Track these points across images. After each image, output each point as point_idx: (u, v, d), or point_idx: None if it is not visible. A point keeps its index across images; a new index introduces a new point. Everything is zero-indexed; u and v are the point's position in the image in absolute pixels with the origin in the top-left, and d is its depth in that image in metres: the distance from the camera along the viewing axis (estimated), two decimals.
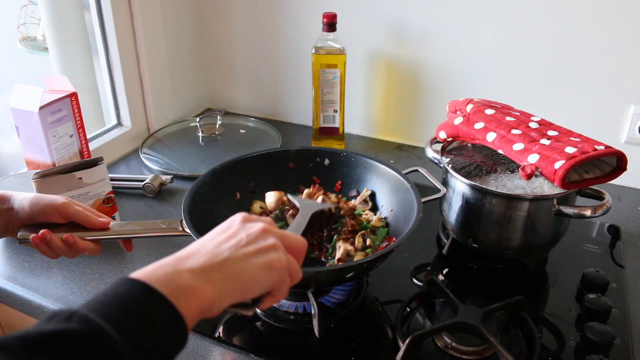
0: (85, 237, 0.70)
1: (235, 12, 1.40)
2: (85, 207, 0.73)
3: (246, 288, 0.49)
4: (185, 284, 0.44)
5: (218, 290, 0.46)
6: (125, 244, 0.74)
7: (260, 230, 0.53)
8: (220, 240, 0.52)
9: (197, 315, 0.45)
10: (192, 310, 0.43)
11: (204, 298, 0.45)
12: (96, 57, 1.28)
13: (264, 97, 1.49)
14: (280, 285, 0.53)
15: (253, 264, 0.50)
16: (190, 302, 0.44)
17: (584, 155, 0.78)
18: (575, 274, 0.89)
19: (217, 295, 0.46)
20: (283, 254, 0.53)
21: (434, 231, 1.02)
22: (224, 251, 0.50)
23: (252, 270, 0.49)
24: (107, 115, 1.33)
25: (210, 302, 0.46)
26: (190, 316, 0.43)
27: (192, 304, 0.44)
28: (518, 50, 1.16)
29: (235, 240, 0.51)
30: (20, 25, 1.29)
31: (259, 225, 0.54)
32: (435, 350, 0.74)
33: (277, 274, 0.51)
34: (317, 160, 0.97)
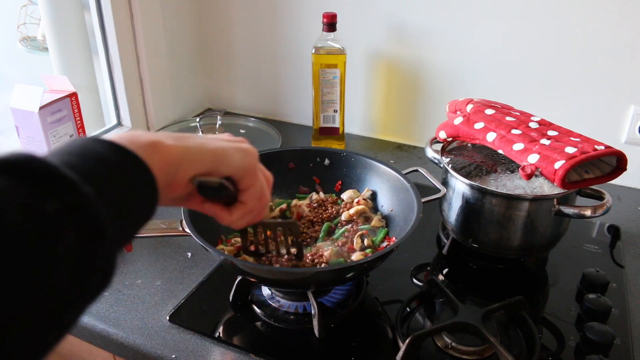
0: None
1: (235, 12, 1.40)
2: None
3: (217, 157, 0.46)
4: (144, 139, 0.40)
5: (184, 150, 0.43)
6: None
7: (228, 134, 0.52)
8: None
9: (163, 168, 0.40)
10: (156, 160, 0.39)
11: (167, 152, 0.41)
12: (96, 57, 1.28)
13: (264, 97, 1.49)
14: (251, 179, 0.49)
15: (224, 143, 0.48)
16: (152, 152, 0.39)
17: (584, 155, 0.78)
18: (575, 274, 0.89)
19: (184, 153, 0.43)
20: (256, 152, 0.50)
21: (434, 231, 1.02)
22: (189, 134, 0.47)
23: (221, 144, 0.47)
24: (107, 115, 1.33)
25: (176, 157, 0.42)
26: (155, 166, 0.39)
27: (154, 154, 0.39)
28: (518, 50, 1.16)
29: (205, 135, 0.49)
30: (20, 25, 1.29)
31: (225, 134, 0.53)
32: (435, 350, 0.74)
33: (250, 159, 0.49)
34: (317, 160, 0.97)
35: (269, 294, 0.84)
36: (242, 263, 0.73)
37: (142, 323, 0.79)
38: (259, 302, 0.83)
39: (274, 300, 0.83)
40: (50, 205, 0.30)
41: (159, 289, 0.86)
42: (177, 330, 0.78)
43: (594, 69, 1.11)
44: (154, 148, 0.40)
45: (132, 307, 0.82)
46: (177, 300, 0.83)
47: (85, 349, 0.86)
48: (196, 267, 0.91)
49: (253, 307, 0.82)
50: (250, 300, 0.83)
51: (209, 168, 0.46)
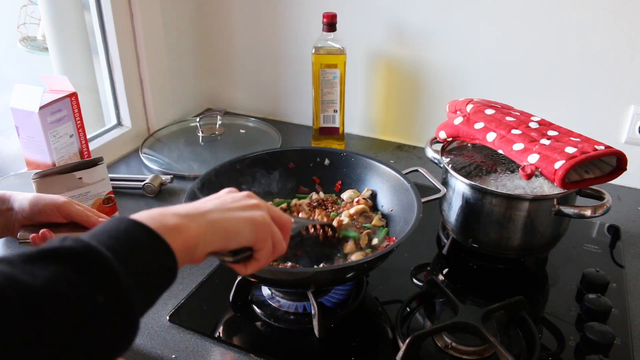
0: None
1: (235, 12, 1.40)
2: (85, 207, 0.73)
3: (229, 235, 0.52)
4: (171, 223, 0.46)
5: (202, 231, 0.49)
6: None
7: (245, 195, 0.57)
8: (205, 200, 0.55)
9: (184, 250, 0.46)
10: (179, 244, 0.45)
11: (188, 235, 0.47)
12: (96, 57, 1.28)
13: (264, 97, 1.49)
14: (262, 244, 0.54)
15: (236, 215, 0.53)
16: (176, 237, 0.45)
17: (584, 155, 0.78)
18: (575, 274, 0.89)
19: (201, 235, 0.48)
20: (266, 213, 0.56)
21: (434, 231, 1.02)
22: (208, 205, 0.53)
23: (235, 220, 0.52)
24: (107, 115, 1.33)
25: (195, 240, 0.48)
26: (177, 249, 0.45)
27: (177, 239, 0.45)
28: (518, 50, 1.16)
29: (220, 200, 0.55)
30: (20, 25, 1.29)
31: (244, 192, 0.58)
32: (435, 350, 0.74)
33: (260, 229, 0.54)
34: (317, 160, 0.97)
35: (269, 294, 0.84)
36: None
37: (142, 323, 0.79)
38: (259, 302, 0.83)
39: (274, 300, 0.83)
40: (100, 297, 0.37)
41: None
42: (177, 330, 0.78)
43: (594, 69, 1.11)
44: (178, 232, 0.46)
45: None
46: (177, 300, 0.83)
47: None
48: (196, 267, 0.91)
49: (253, 307, 0.82)
50: (250, 300, 0.83)
51: (222, 246, 0.52)
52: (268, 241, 0.55)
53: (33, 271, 0.36)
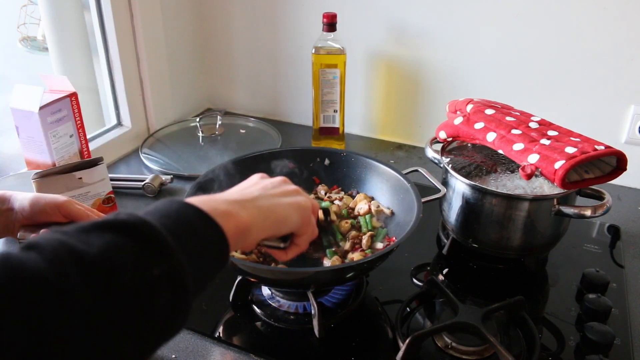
0: None
1: (235, 12, 1.40)
2: (86, 207, 0.73)
3: (279, 221, 0.53)
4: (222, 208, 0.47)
5: (253, 217, 0.49)
6: None
7: (281, 180, 0.59)
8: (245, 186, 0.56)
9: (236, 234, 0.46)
10: (231, 227, 0.46)
11: (240, 219, 0.48)
12: (96, 57, 1.28)
13: (264, 97, 1.49)
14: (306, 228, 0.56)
15: (283, 201, 0.54)
16: (228, 221, 0.46)
17: (584, 155, 0.78)
18: (575, 274, 0.89)
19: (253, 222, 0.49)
20: (307, 197, 0.58)
21: (434, 231, 1.02)
22: (253, 192, 0.54)
23: (283, 206, 0.54)
24: (107, 115, 1.33)
25: (247, 225, 0.48)
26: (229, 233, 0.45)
27: (229, 222, 0.46)
28: (518, 50, 1.16)
29: (260, 185, 0.56)
30: (20, 25, 1.29)
31: (278, 177, 0.59)
32: (435, 350, 0.74)
33: (306, 214, 0.56)
34: (317, 160, 0.97)
35: (269, 294, 0.84)
36: (242, 263, 0.73)
37: None
38: (259, 302, 0.83)
39: (274, 300, 0.83)
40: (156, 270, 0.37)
41: None
42: None
43: (594, 69, 1.11)
44: (230, 217, 0.47)
45: None
46: None
47: None
48: None
49: (253, 307, 0.82)
50: (250, 300, 0.83)
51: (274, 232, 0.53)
52: (310, 226, 0.57)
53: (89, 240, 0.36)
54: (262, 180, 0.58)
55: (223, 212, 0.46)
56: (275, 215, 0.52)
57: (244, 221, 0.48)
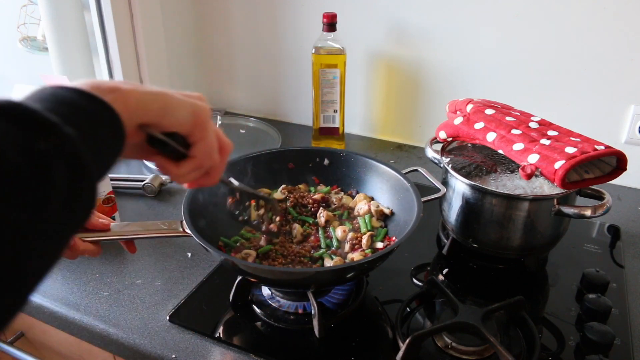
0: (85, 238, 0.70)
1: (235, 12, 1.40)
2: None
3: (167, 107, 0.47)
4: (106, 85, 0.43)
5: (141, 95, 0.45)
6: (128, 246, 0.74)
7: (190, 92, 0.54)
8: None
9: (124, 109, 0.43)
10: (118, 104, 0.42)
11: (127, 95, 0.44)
12: (96, 57, 1.28)
13: (264, 97, 1.49)
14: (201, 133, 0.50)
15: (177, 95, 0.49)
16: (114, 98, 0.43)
17: (584, 155, 0.78)
18: (575, 274, 0.89)
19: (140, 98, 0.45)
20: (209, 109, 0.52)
21: (434, 231, 1.02)
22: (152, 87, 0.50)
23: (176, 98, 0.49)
24: None
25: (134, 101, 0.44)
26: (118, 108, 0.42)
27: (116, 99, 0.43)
28: (518, 50, 1.16)
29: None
30: (20, 25, 1.29)
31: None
32: (435, 350, 0.74)
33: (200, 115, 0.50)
34: (317, 160, 0.97)
35: (269, 294, 0.84)
36: (242, 263, 0.73)
37: (142, 323, 0.79)
38: (259, 302, 0.83)
39: (274, 300, 0.83)
40: (41, 144, 0.34)
41: (159, 289, 0.86)
42: (177, 330, 0.78)
43: (594, 69, 1.11)
44: (115, 93, 0.43)
45: (132, 307, 0.82)
46: (177, 300, 0.83)
47: (86, 349, 0.86)
48: (196, 267, 0.91)
49: (253, 307, 0.82)
50: (250, 300, 0.83)
51: (155, 119, 0.47)
52: (207, 134, 0.51)
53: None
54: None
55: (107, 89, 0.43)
56: (165, 100, 0.47)
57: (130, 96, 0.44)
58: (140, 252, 0.94)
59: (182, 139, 0.51)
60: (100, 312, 0.81)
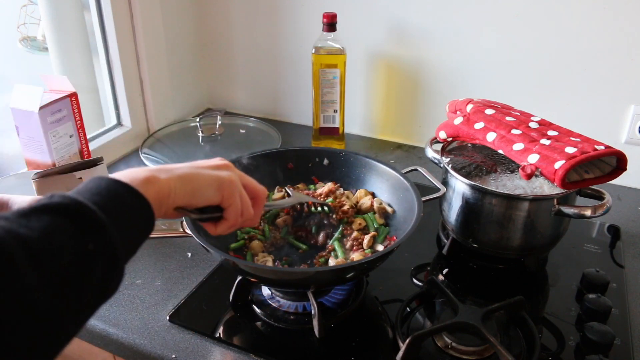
0: None
1: (235, 12, 1.40)
2: None
3: (195, 190, 0.55)
4: (142, 176, 0.50)
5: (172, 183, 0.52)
6: None
7: (218, 159, 0.61)
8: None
9: (158, 199, 0.50)
10: (151, 193, 0.49)
11: (159, 185, 0.51)
12: (96, 57, 1.28)
13: (264, 97, 1.49)
14: (229, 201, 0.58)
15: (204, 172, 0.57)
16: (148, 187, 0.50)
17: (584, 155, 0.78)
18: (575, 274, 0.89)
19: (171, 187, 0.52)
20: (235, 176, 0.59)
21: (434, 231, 1.02)
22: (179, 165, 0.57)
23: (203, 176, 0.56)
24: (107, 115, 1.33)
25: (167, 190, 0.52)
26: (151, 198, 0.49)
27: (150, 189, 0.50)
28: (518, 50, 1.16)
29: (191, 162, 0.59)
30: (20, 25, 1.29)
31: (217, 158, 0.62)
32: (435, 350, 0.74)
33: (226, 187, 0.57)
34: (316, 160, 0.97)
35: (269, 294, 0.84)
36: (242, 263, 0.73)
37: (142, 323, 0.79)
38: (259, 302, 0.83)
39: (274, 300, 0.83)
40: (91, 245, 0.41)
41: (159, 289, 0.86)
42: (177, 330, 0.78)
43: (594, 69, 1.11)
44: (149, 183, 0.50)
45: (132, 307, 0.82)
46: (177, 300, 0.83)
47: (86, 349, 0.86)
48: (196, 267, 0.91)
49: (253, 307, 0.82)
50: (250, 300, 0.83)
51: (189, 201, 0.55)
52: (235, 200, 0.58)
53: (29, 224, 0.39)
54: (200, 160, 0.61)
55: (143, 180, 0.50)
56: (193, 183, 0.55)
57: (162, 186, 0.51)
58: (140, 252, 0.93)
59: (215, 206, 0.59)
60: (100, 312, 0.81)
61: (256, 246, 0.84)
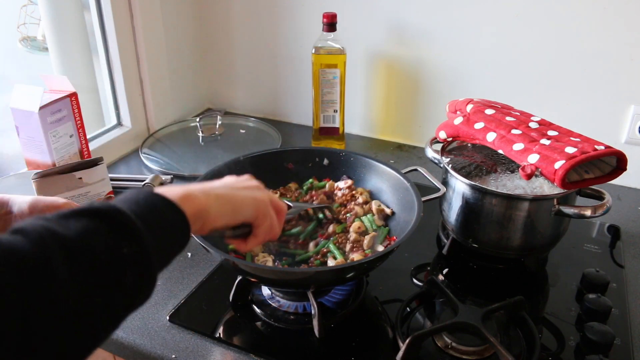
0: None
1: (236, 12, 1.40)
2: None
3: (235, 209, 0.58)
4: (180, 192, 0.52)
5: (211, 202, 0.54)
6: None
7: (247, 177, 0.65)
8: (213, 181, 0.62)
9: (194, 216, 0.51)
10: (189, 209, 0.51)
11: (198, 202, 0.53)
12: (96, 57, 1.28)
13: (264, 97, 1.49)
14: (262, 220, 0.61)
15: (241, 192, 0.60)
16: (187, 204, 0.51)
17: (584, 155, 0.78)
18: (575, 274, 0.89)
19: (210, 206, 0.54)
20: (267, 195, 0.63)
21: (434, 231, 1.02)
22: (215, 184, 0.60)
23: (241, 197, 0.59)
24: (107, 115, 1.33)
25: (205, 207, 0.53)
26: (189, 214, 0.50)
27: (188, 204, 0.51)
28: (518, 50, 1.15)
29: (224, 181, 0.62)
30: (20, 25, 1.29)
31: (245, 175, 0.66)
32: (435, 350, 0.74)
33: (262, 206, 0.61)
34: (316, 160, 0.97)
35: (269, 294, 0.84)
36: (242, 263, 0.73)
37: (142, 323, 0.79)
38: (259, 302, 0.83)
39: (274, 300, 0.83)
40: (125, 249, 0.42)
41: (159, 289, 0.86)
42: (177, 330, 0.78)
43: (594, 69, 1.11)
44: (188, 200, 0.51)
45: None
46: (177, 300, 0.83)
47: None
48: (196, 267, 0.91)
49: (253, 307, 0.82)
50: (250, 300, 0.83)
51: (229, 220, 0.58)
52: (267, 218, 0.62)
53: (68, 225, 0.41)
54: (229, 178, 0.64)
55: (183, 196, 0.51)
56: (232, 203, 0.57)
57: (201, 204, 0.53)
58: None
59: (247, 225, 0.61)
60: None
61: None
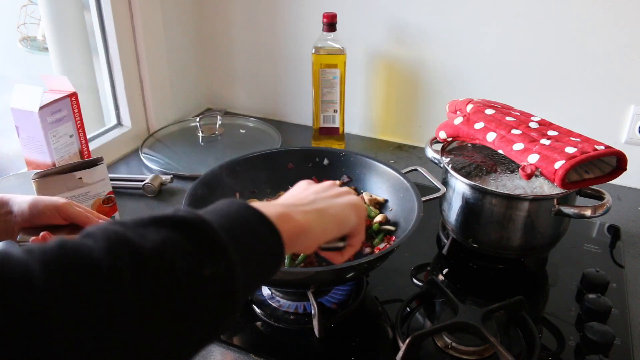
0: None
1: (235, 12, 1.40)
2: (85, 209, 0.73)
3: (340, 221, 0.53)
4: (278, 210, 0.47)
5: (311, 219, 0.50)
6: None
7: (330, 184, 0.59)
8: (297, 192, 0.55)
9: (291, 237, 0.46)
10: (286, 229, 0.45)
11: (296, 222, 0.48)
12: (96, 57, 1.28)
13: (264, 97, 1.49)
14: (361, 227, 0.56)
15: (339, 202, 0.54)
16: (284, 224, 0.45)
17: (584, 155, 0.78)
18: (575, 274, 0.89)
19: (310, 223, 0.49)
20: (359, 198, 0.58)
21: (434, 231, 1.02)
22: (308, 196, 0.54)
23: (341, 206, 0.54)
24: (107, 115, 1.33)
25: (303, 227, 0.48)
26: (285, 235, 0.45)
27: (285, 224, 0.46)
28: (518, 50, 1.15)
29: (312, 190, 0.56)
30: (20, 25, 1.29)
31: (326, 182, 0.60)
32: (435, 350, 0.74)
33: (362, 212, 0.56)
34: (317, 160, 0.97)
35: (269, 294, 0.84)
36: None
37: None
38: (259, 302, 0.83)
39: (274, 300, 0.83)
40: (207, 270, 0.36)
41: None
42: None
43: (594, 69, 1.11)
44: (285, 219, 0.47)
45: None
46: None
47: None
48: None
49: (253, 307, 0.82)
50: (250, 300, 0.83)
51: (337, 233, 0.54)
52: (364, 225, 0.57)
53: (145, 234, 0.36)
54: (312, 185, 0.58)
55: (279, 214, 0.46)
56: (335, 216, 0.53)
57: (299, 223, 0.48)
58: None
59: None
60: None
61: None
